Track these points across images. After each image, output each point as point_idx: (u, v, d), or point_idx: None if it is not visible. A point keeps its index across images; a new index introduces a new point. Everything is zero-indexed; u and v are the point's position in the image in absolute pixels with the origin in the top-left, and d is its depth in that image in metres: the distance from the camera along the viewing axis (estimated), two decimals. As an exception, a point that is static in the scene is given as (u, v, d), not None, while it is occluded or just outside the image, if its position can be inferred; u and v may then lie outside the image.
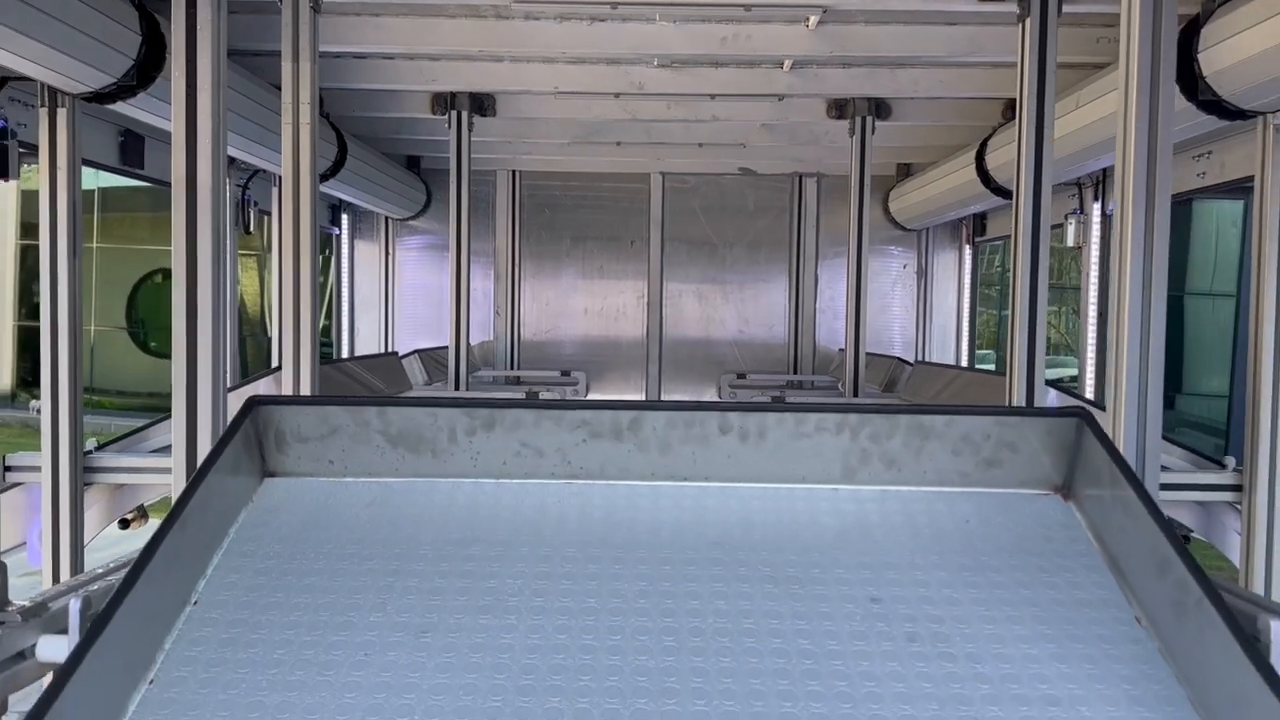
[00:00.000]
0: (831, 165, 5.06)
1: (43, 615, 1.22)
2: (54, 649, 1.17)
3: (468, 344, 3.91)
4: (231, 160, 4.09)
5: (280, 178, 4.12)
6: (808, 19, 2.88)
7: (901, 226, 5.47)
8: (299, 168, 2.35)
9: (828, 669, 1.26)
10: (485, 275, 5.46)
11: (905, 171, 5.31)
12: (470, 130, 3.88)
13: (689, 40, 3.07)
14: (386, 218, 5.54)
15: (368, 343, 5.53)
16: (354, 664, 1.26)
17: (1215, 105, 2.41)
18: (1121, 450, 1.84)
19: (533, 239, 5.55)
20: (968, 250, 5.47)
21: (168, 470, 2.54)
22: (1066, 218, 3.98)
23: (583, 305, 5.63)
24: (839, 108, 3.86)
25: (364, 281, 5.60)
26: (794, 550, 1.48)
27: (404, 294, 5.73)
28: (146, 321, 11.03)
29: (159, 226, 10.90)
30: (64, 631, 1.18)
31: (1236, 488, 2.48)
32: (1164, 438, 2.80)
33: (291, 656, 1.27)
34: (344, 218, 5.45)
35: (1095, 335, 3.94)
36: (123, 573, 1.27)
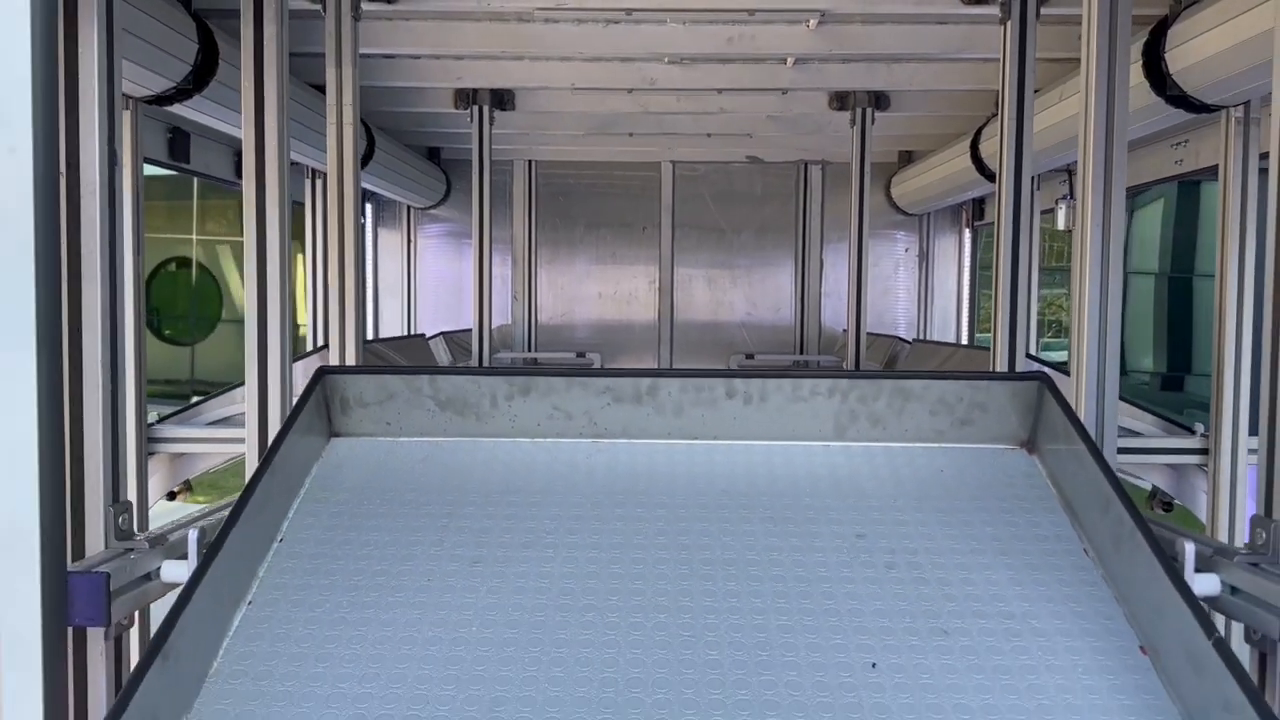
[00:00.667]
0: (835, 154, 5.26)
1: (164, 544, 1.46)
2: (175, 572, 1.42)
3: (490, 326, 4.15)
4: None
5: (312, 170, 4.36)
6: (808, 21, 3.09)
7: (903, 211, 5.69)
8: (343, 164, 2.58)
9: (819, 590, 1.50)
10: (503, 261, 5.69)
11: (906, 159, 5.51)
12: (491, 124, 4.11)
13: (697, 40, 3.28)
14: (409, 207, 5.77)
15: (391, 326, 5.77)
16: (418, 588, 1.50)
17: (1182, 100, 2.62)
18: (1083, 411, 2.07)
19: (548, 226, 5.77)
20: (967, 234, 5.68)
21: (223, 440, 2.80)
22: (1057, 203, 4.19)
23: (596, 290, 5.87)
24: (840, 100, 4.07)
25: (388, 268, 5.84)
26: (791, 497, 1.71)
27: (425, 280, 5.98)
28: (161, 310, 11.27)
29: (175, 215, 11.04)
30: (184, 558, 1.42)
31: (1204, 451, 2.71)
32: (1143, 408, 3.03)
33: (366, 582, 1.51)
34: (368, 207, 5.68)
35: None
36: (224, 513, 1.51)
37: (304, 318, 4.75)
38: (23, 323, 1.14)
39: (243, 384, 2.36)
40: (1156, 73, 2.61)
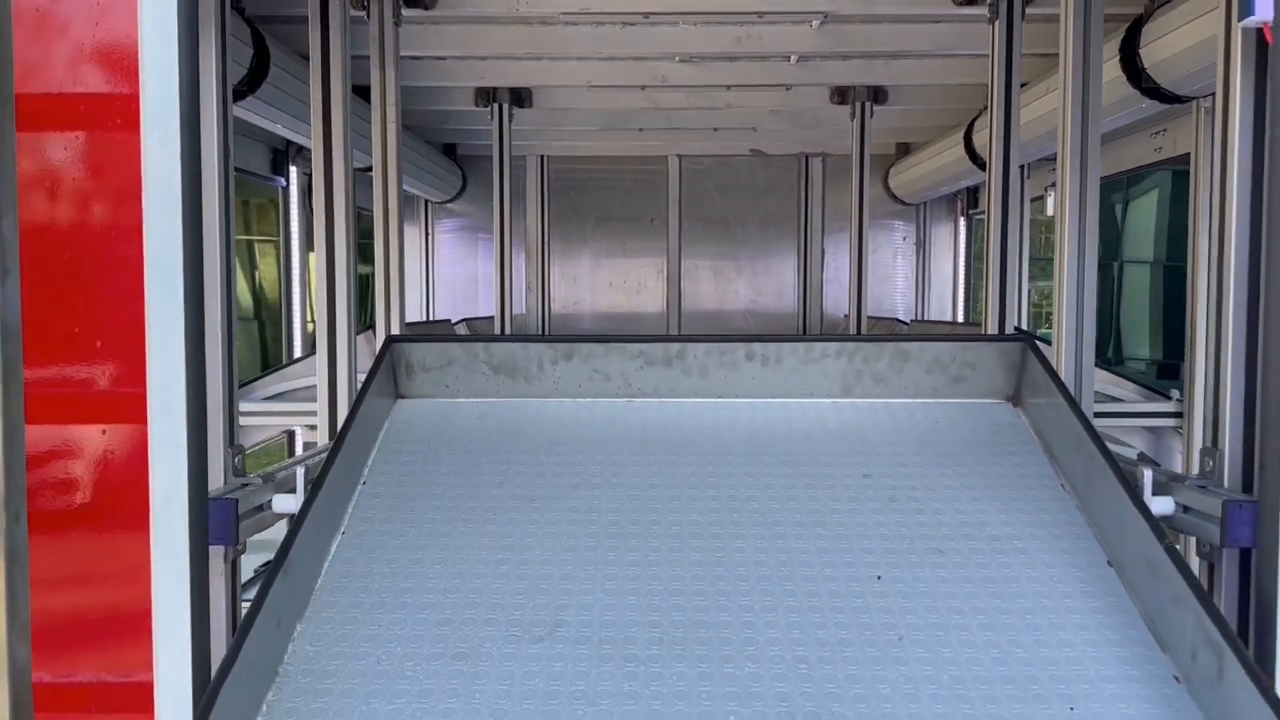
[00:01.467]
0: (835, 146, 5.49)
1: (273, 481, 1.70)
2: (285, 504, 1.66)
3: (511, 311, 4.38)
4: (299, 149, 4.58)
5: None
6: (811, 21, 3.32)
7: (901, 201, 5.93)
8: (387, 161, 2.82)
9: (830, 520, 1.74)
10: (517, 253, 5.92)
11: (904, 150, 5.74)
12: (510, 120, 4.35)
13: (708, 39, 3.51)
14: (426, 201, 6.01)
15: (411, 315, 6.00)
16: (484, 521, 1.75)
17: (1155, 92, 2.86)
18: (1063, 370, 2.31)
19: (560, 219, 6.01)
20: (962, 221, 5.92)
21: (276, 414, 3.03)
22: (1047, 190, 4.43)
23: (607, 280, 6.11)
24: (840, 94, 4.31)
25: (407, 260, 6.06)
26: (805, 445, 1.96)
27: (441, 271, 6.22)
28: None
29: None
30: (292, 491, 1.66)
31: (1179, 415, 2.95)
32: (1126, 377, 3.27)
33: (438, 517, 1.76)
34: (388, 202, 5.90)
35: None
36: (319, 458, 1.75)
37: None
38: (174, 289, 1.38)
39: (284, 366, 2.58)
40: (1132, 67, 2.85)
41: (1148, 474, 1.69)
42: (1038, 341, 2.17)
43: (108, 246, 1.39)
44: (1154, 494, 1.68)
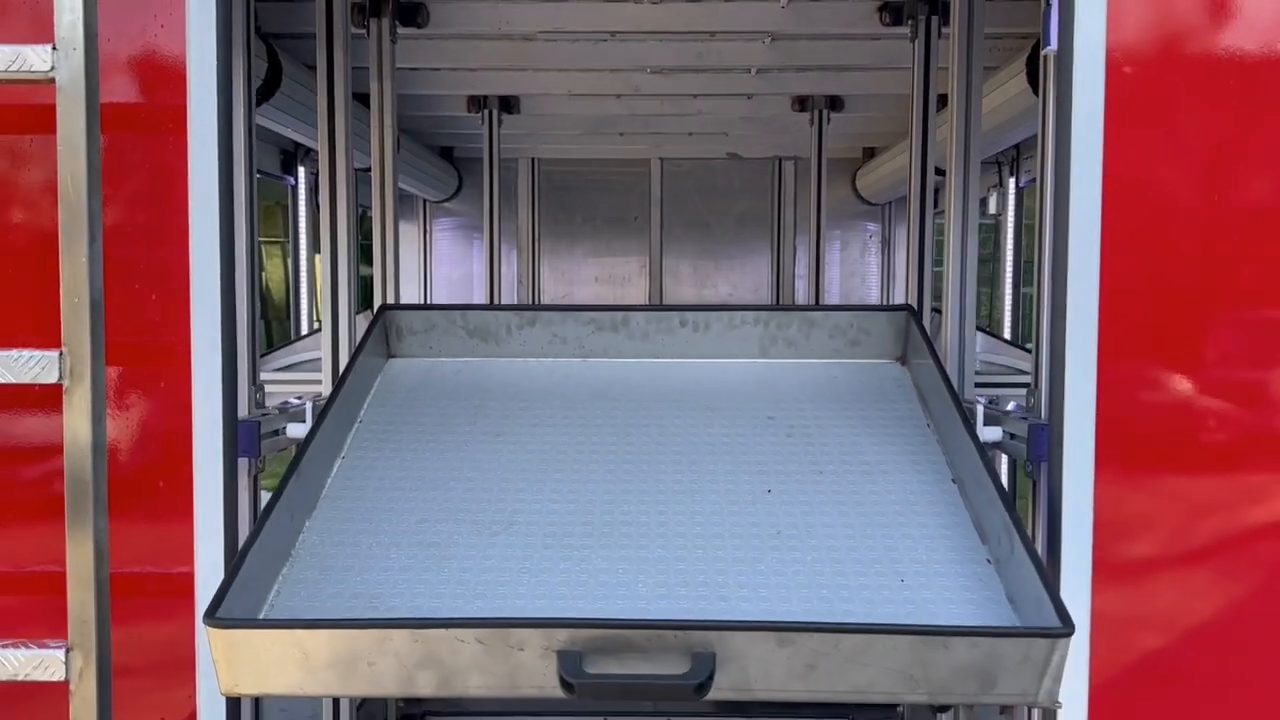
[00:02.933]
0: (804, 150, 5.88)
1: (287, 412, 2.12)
2: (296, 430, 2.07)
3: (500, 300, 4.80)
4: (307, 151, 5.00)
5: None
6: (763, 39, 3.74)
7: (868, 202, 6.34)
8: (384, 164, 3.23)
9: (736, 449, 2.15)
10: (509, 249, 6.34)
11: (870, 154, 6.16)
12: (499, 125, 4.77)
13: (673, 54, 3.93)
14: (424, 200, 6.43)
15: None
16: (457, 450, 2.16)
17: (1054, 103, 3.27)
18: (949, 336, 2.73)
19: (549, 218, 6.43)
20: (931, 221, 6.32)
21: (289, 382, 3.45)
22: (989, 190, 4.84)
23: (593, 274, 6.53)
24: (800, 103, 4.72)
25: (405, 255, 6.49)
26: (726, 395, 2.37)
27: (439, 268, 6.65)
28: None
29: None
30: (303, 422, 2.08)
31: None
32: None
33: (421, 447, 2.17)
34: (388, 201, 6.33)
35: (1012, 285, 4.81)
36: (323, 401, 2.16)
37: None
38: (213, 260, 1.80)
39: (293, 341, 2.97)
40: (1034, 80, 3.26)
41: (979, 409, 2.11)
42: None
43: (163, 224, 1.81)
44: (985, 425, 2.09)
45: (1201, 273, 1.80)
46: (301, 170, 5.14)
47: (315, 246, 5.44)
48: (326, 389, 2.81)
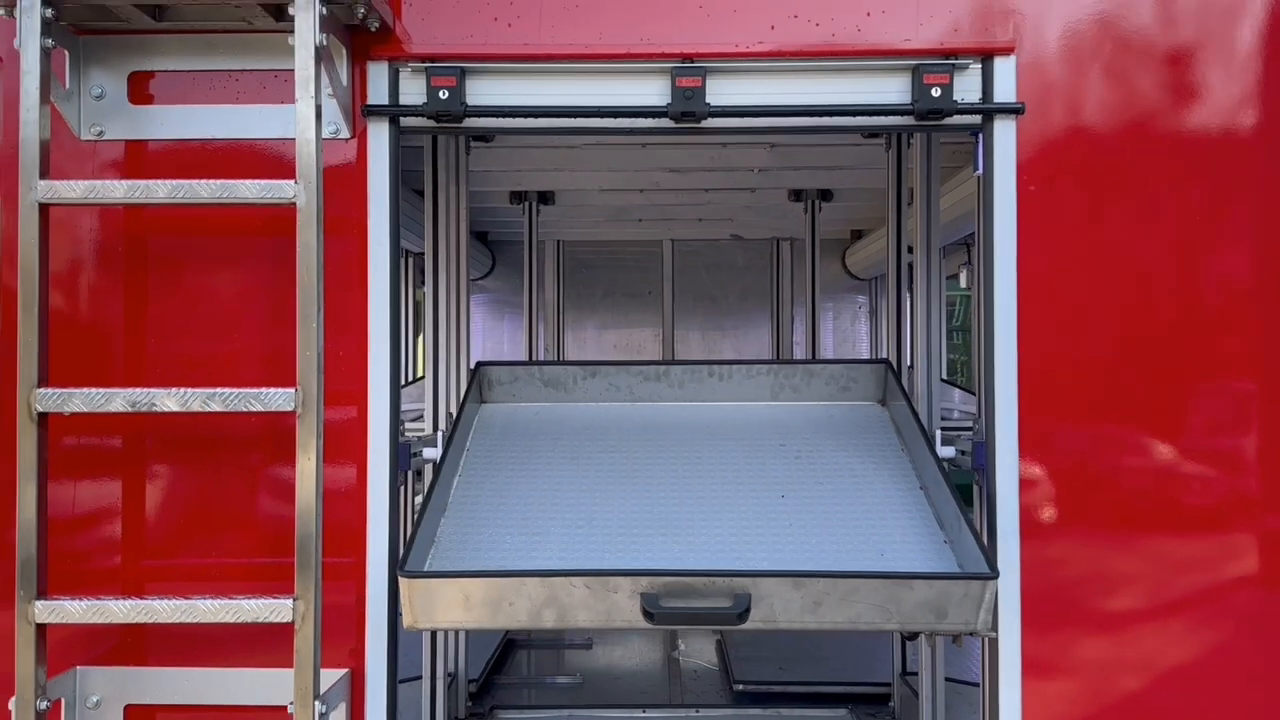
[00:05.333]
0: (800, 232, 6.68)
1: (423, 439, 2.82)
2: (431, 453, 2.78)
3: (538, 365, 5.50)
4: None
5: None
6: (765, 146, 4.53)
7: (857, 278, 7.11)
8: (459, 257, 3.96)
9: (754, 466, 2.84)
10: (538, 320, 7.08)
11: (858, 235, 6.95)
12: (538, 215, 5.54)
13: (690, 158, 4.71)
14: (462, 278, 7.19)
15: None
16: (545, 469, 2.85)
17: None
18: (920, 384, 3.44)
19: (573, 293, 7.19)
20: (906, 295, 7.10)
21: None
22: (959, 268, 5.60)
23: (612, 342, 7.27)
24: (796, 194, 5.50)
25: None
26: (744, 429, 3.07)
27: (473, 337, 7.38)
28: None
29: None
30: (434, 447, 2.78)
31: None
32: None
33: (515, 469, 2.86)
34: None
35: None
36: (449, 435, 2.87)
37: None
38: (384, 327, 2.52)
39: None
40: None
41: (938, 433, 2.82)
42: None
43: (349, 301, 2.53)
44: (942, 445, 2.80)
45: (1083, 339, 2.52)
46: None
47: (416, 326, 6.19)
48: (427, 424, 3.52)
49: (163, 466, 2.56)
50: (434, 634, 3.68)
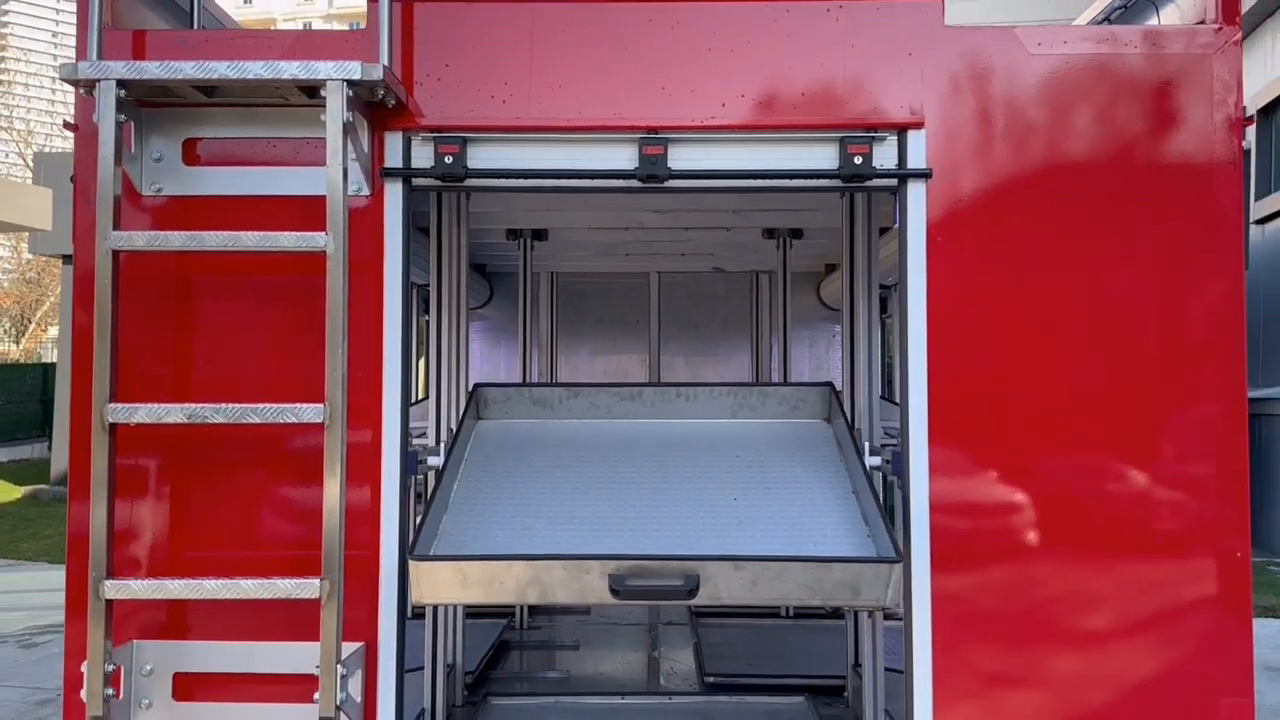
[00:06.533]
0: (776, 266, 7.18)
1: (428, 449, 3.30)
2: (435, 460, 3.25)
3: (531, 388, 5.97)
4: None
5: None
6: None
7: (830, 308, 7.61)
8: (459, 285, 4.46)
9: (711, 474, 3.31)
10: (533, 347, 7.56)
11: (831, 268, 7.45)
12: (532, 250, 6.04)
13: (672, 201, 5.17)
14: (461, 308, 7.68)
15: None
16: (532, 475, 3.32)
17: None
18: (859, 403, 3.92)
19: (566, 321, 7.68)
20: (878, 325, 7.60)
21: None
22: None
23: (602, 368, 7.75)
24: (769, 233, 6.00)
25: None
26: (707, 442, 3.54)
27: (473, 361, 7.86)
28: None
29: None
30: (438, 455, 3.26)
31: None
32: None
33: (509, 475, 3.33)
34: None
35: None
36: (450, 446, 3.34)
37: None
38: (396, 354, 3.00)
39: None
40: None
41: (867, 445, 3.30)
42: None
43: (369, 328, 3.01)
44: (870, 455, 3.27)
45: (980, 364, 3.00)
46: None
47: (419, 350, 6.68)
48: (429, 437, 4.00)
49: (206, 472, 3.04)
50: (435, 629, 4.13)
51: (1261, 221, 12.65)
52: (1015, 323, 3.01)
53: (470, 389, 3.70)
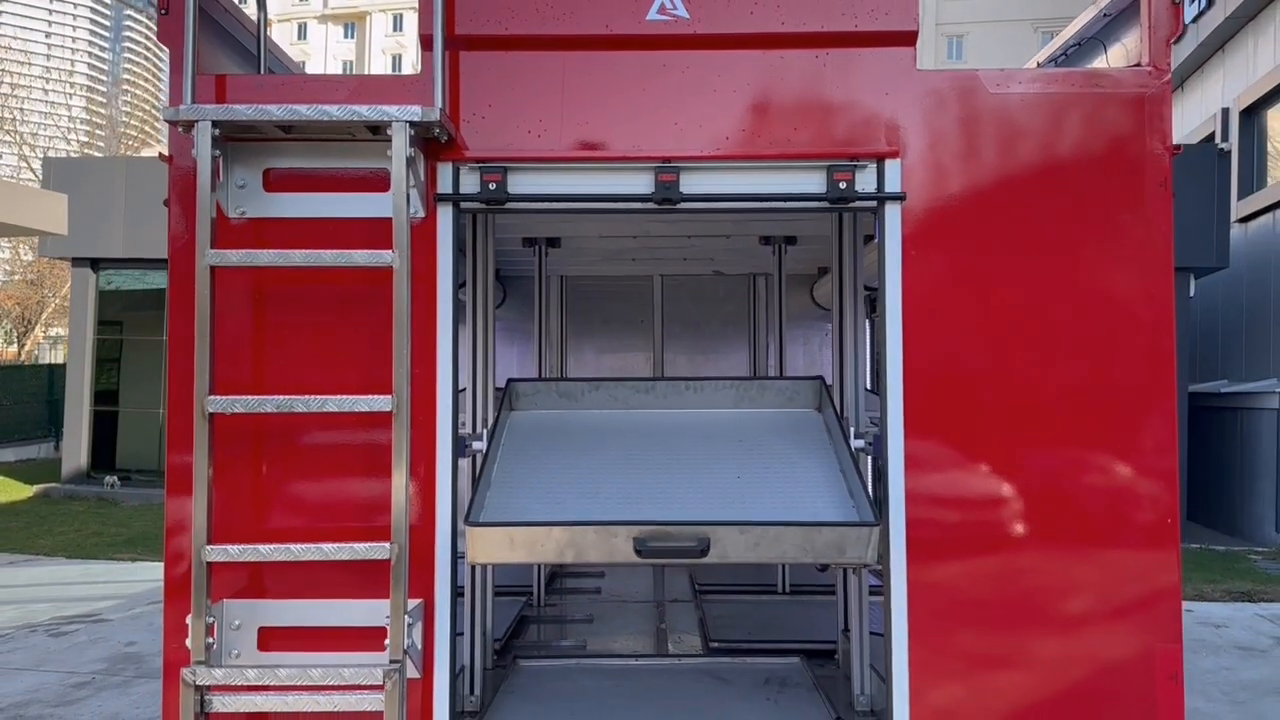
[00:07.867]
0: (773, 269, 7.68)
1: (471, 435, 3.81)
2: (478, 445, 3.76)
3: (547, 384, 6.47)
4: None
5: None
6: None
7: (823, 308, 8.12)
8: (488, 294, 4.96)
9: (716, 454, 3.82)
10: (545, 345, 8.06)
11: (824, 271, 7.96)
12: (546, 257, 6.55)
13: (675, 216, 5.71)
14: (476, 309, 8.19)
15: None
16: (561, 455, 3.82)
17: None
18: (846, 394, 4.43)
19: (575, 321, 8.18)
20: (866, 323, 8.11)
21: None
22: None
23: (609, 366, 8.25)
24: (765, 240, 6.51)
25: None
26: (713, 429, 4.04)
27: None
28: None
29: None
30: (481, 440, 3.77)
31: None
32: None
33: (541, 456, 3.84)
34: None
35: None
36: (490, 432, 3.85)
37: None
38: (448, 354, 3.51)
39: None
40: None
41: (851, 429, 3.81)
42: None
43: (422, 328, 3.51)
44: (855, 439, 3.79)
45: (948, 363, 3.51)
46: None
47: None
48: (467, 425, 4.51)
49: (281, 456, 3.54)
50: (473, 600, 4.64)
51: (1244, 220, 13.15)
52: (977, 326, 3.53)
53: (504, 384, 4.21)
